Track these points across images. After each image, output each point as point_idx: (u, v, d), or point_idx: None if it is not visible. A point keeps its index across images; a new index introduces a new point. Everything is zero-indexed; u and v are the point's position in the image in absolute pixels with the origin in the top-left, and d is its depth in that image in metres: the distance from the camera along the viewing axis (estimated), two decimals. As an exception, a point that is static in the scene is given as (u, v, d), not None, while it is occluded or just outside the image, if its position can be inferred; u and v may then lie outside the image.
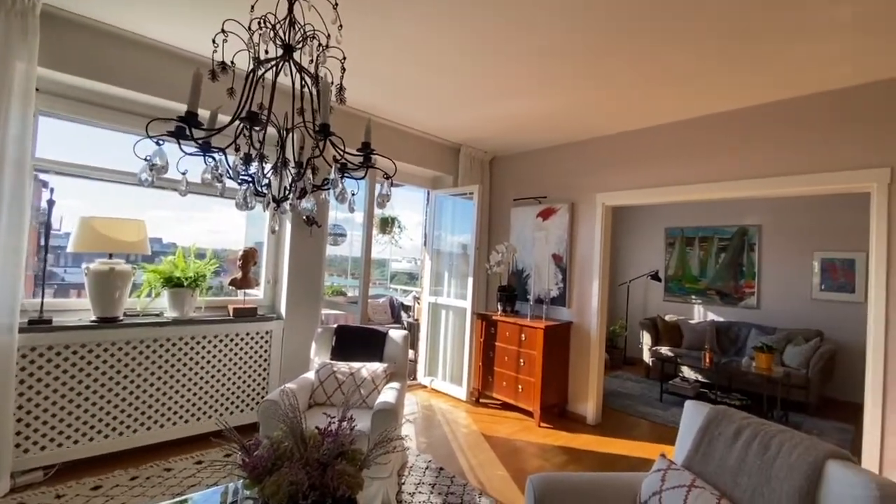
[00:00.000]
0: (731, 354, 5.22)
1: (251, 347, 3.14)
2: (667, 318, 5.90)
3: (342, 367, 2.76)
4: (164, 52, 2.72)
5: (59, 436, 2.42)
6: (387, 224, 5.61)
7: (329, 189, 1.44)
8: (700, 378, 5.09)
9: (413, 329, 5.14)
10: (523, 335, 3.82)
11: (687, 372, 5.18)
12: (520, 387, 3.82)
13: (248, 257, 3.13)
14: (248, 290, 3.20)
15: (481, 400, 4.19)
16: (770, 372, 4.05)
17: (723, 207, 5.83)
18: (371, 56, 2.67)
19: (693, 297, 6.10)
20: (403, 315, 5.85)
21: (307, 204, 1.58)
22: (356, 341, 2.98)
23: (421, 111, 3.61)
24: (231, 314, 3.07)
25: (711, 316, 5.87)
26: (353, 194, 1.67)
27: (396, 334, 3.03)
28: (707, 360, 4.48)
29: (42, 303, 2.43)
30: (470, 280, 4.13)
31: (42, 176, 2.54)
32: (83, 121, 2.68)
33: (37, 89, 2.43)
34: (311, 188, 1.52)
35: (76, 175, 2.66)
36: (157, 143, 1.16)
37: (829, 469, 1.30)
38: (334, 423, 1.23)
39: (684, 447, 1.70)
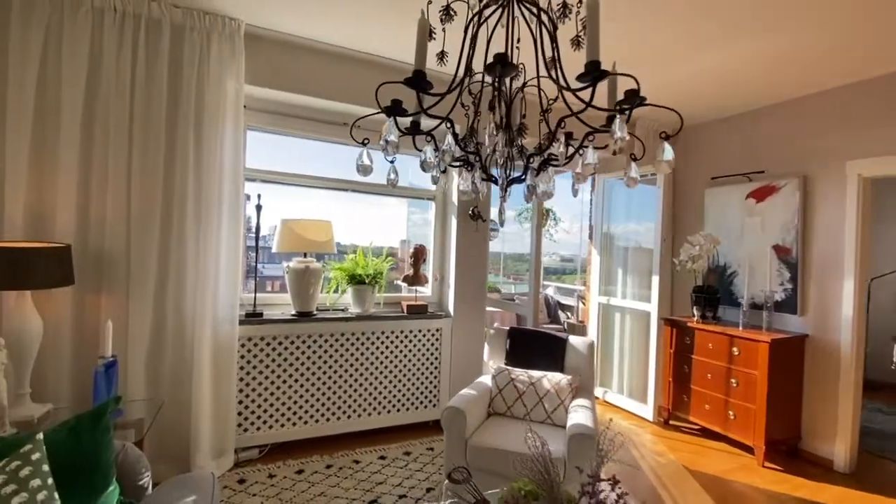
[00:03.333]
0: None
1: (423, 345, 3.10)
2: (942, 331, 4.23)
3: (520, 374, 2.48)
4: (353, 60, 2.79)
5: (269, 418, 2.67)
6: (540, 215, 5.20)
7: (587, 148, 1.11)
8: None
9: (575, 331, 4.66)
10: (735, 349, 3.03)
11: None
12: (731, 413, 3.05)
13: (419, 254, 3.08)
14: (418, 287, 3.17)
15: (671, 422, 3.51)
16: None
17: None
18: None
19: None
20: (561, 315, 5.39)
21: (545, 186, 1.25)
22: (533, 346, 2.67)
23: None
24: (405, 311, 3.06)
25: None
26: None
27: (579, 342, 2.63)
28: None
29: (255, 297, 2.70)
30: (655, 279, 3.48)
31: (248, 184, 2.83)
32: (276, 131, 2.91)
33: (244, 106, 2.70)
34: (549, 160, 1.20)
35: (275, 182, 2.91)
36: (390, 114, 1.00)
37: None
38: (603, 490, 0.91)
39: None
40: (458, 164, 1.18)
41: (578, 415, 2.13)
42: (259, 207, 2.69)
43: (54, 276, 1.88)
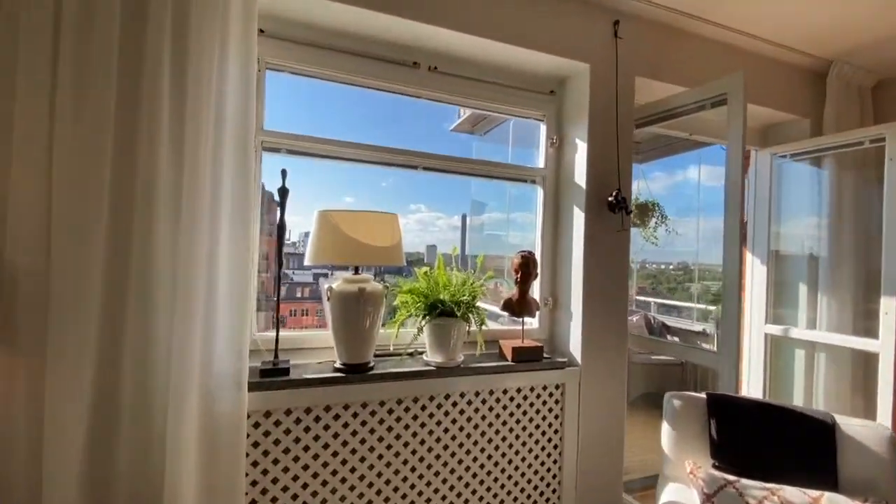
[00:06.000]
0: None
1: (536, 411, 1.96)
2: None
3: (762, 496, 1.31)
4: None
5: (301, 548, 1.58)
6: (647, 213, 3.98)
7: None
8: None
9: (691, 374, 3.41)
10: None
11: None
12: None
13: (530, 266, 1.95)
14: (527, 318, 2.03)
15: (916, 526, 2.24)
16: None
17: None
18: None
19: None
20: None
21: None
22: (764, 434, 1.49)
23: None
24: (509, 357, 1.93)
25: None
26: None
27: (861, 430, 1.43)
28: None
29: (277, 340, 1.63)
30: (887, 303, 2.23)
31: (269, 156, 1.78)
32: (311, 74, 1.85)
33: (260, 31, 1.67)
34: None
35: (310, 154, 1.85)
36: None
37: None
38: None
39: None
40: None
41: None
42: (284, 192, 1.63)
43: None
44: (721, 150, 3.16)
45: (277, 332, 1.63)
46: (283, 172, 1.63)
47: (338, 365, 1.66)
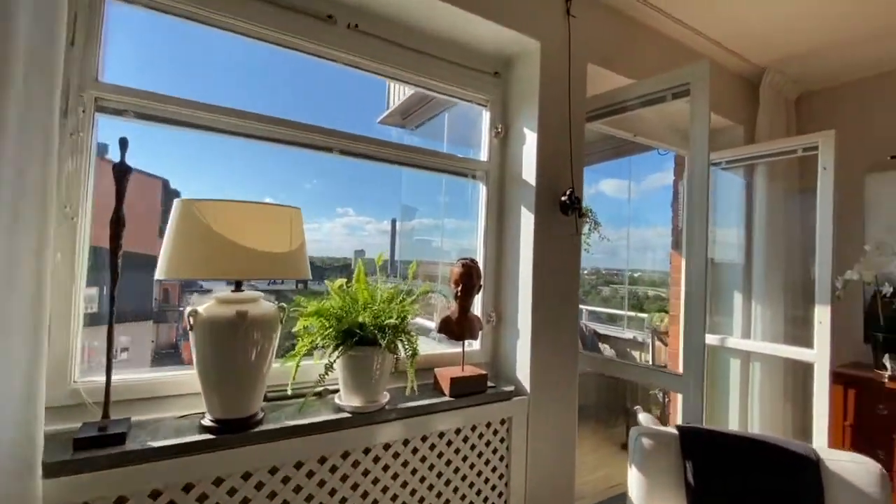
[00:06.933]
0: None
1: (479, 454, 1.60)
2: None
3: (755, 560, 1.07)
4: None
5: None
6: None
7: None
8: None
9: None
10: None
11: None
12: None
13: (472, 277, 1.60)
14: (469, 341, 1.67)
15: (846, 535, 2.24)
16: None
17: None
18: None
19: None
20: (604, 350, 4.07)
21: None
22: (743, 475, 1.27)
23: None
24: (446, 390, 1.56)
25: None
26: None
27: (850, 469, 1.26)
28: None
29: (108, 390, 1.10)
30: (823, 311, 2.21)
31: (105, 119, 1.24)
32: (178, 11, 1.34)
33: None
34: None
35: (171, 121, 1.33)
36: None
37: None
38: None
39: None
40: None
41: None
42: (122, 172, 1.11)
43: None
44: (658, 155, 3.09)
45: (109, 376, 1.09)
46: (123, 142, 1.11)
47: (207, 421, 1.16)
